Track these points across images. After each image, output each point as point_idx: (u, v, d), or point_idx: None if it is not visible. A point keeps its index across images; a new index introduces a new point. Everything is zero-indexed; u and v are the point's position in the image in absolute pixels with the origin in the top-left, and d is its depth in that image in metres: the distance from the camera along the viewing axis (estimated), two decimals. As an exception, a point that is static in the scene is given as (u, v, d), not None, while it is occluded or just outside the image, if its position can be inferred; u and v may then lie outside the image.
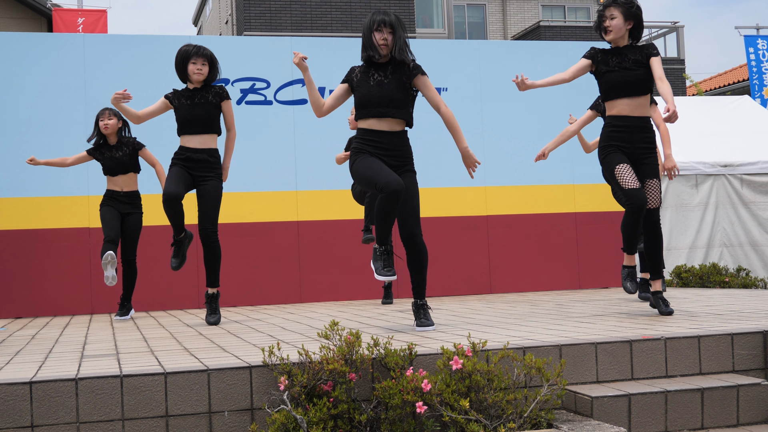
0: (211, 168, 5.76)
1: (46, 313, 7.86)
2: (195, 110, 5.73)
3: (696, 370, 3.87)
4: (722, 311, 5.14)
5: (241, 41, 9.04)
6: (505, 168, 8.98)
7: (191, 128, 5.74)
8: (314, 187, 8.51)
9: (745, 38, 16.47)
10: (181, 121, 5.77)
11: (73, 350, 4.37)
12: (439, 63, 8.83)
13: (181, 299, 8.12)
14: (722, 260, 10.33)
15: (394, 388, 3.22)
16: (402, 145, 4.75)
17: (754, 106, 12.18)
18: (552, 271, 8.97)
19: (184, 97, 5.82)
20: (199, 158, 5.72)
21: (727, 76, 24.53)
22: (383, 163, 4.66)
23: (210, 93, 5.81)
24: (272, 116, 8.51)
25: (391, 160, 4.70)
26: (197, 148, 5.74)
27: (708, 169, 10.41)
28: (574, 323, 4.76)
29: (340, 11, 20.78)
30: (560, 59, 9.25)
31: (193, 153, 5.72)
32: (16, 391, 3.16)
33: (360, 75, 4.78)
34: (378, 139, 4.68)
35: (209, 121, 5.77)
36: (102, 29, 16.60)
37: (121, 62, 8.23)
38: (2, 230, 7.85)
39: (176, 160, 5.76)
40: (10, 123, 7.95)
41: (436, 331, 4.59)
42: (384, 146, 4.68)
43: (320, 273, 8.44)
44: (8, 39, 8.14)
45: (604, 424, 3.33)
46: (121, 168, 6.90)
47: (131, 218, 6.92)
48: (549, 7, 28.34)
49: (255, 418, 3.35)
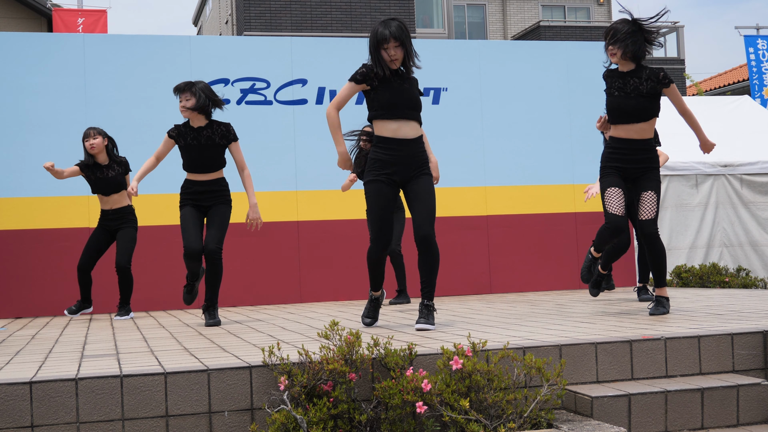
0: (220, 195, 5.85)
1: (46, 313, 7.86)
2: (204, 153, 5.75)
3: (696, 370, 3.87)
4: (722, 311, 5.14)
5: (241, 41, 9.04)
6: (505, 168, 8.98)
7: (199, 169, 5.80)
8: (314, 187, 8.51)
9: (745, 38, 16.47)
10: (190, 163, 5.80)
11: (73, 350, 4.37)
12: (439, 63, 8.83)
13: (181, 299, 8.11)
14: (722, 260, 10.33)
15: (394, 388, 3.22)
16: (420, 151, 4.78)
17: (754, 106, 12.19)
18: (552, 271, 8.97)
19: (189, 136, 5.76)
20: (207, 189, 5.81)
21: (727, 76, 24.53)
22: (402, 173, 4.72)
23: (216, 134, 5.77)
24: (272, 116, 8.51)
25: (409, 169, 4.73)
26: (205, 180, 5.81)
27: (708, 169, 10.41)
28: (574, 323, 4.76)
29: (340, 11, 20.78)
30: (560, 59, 9.27)
31: (201, 186, 5.80)
32: (16, 391, 3.16)
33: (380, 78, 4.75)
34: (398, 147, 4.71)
35: (217, 161, 5.83)
36: (102, 29, 16.59)
37: (121, 62, 8.23)
38: (2, 230, 7.85)
39: (186, 198, 5.82)
40: (10, 123, 7.95)
41: (436, 331, 4.59)
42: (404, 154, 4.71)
43: (320, 273, 8.44)
44: (8, 39, 8.14)
45: (604, 424, 3.33)
46: (114, 187, 6.92)
47: (122, 231, 6.95)
48: (549, 7, 28.34)
49: (255, 418, 3.35)
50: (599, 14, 28.21)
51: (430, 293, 4.71)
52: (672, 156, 10.10)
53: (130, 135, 7.87)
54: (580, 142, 9.08)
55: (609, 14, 28.36)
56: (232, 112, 8.36)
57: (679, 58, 25.19)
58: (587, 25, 25.93)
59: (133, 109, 8.06)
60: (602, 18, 28.07)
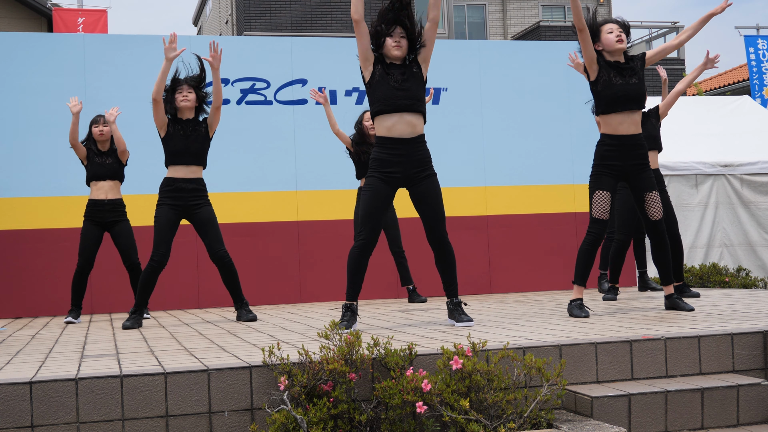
0: (202, 195, 5.97)
1: (46, 313, 7.86)
2: (188, 142, 5.89)
3: (696, 370, 3.87)
4: (722, 311, 5.14)
5: (241, 41, 9.03)
6: (505, 168, 8.98)
7: (183, 159, 5.88)
8: (314, 187, 8.51)
9: (745, 38, 16.46)
10: (174, 152, 5.88)
11: (73, 350, 4.37)
12: (439, 63, 8.81)
13: (181, 299, 8.12)
14: (722, 260, 10.33)
15: (394, 388, 3.22)
16: (420, 150, 4.77)
17: (754, 106, 12.18)
18: (552, 271, 8.97)
19: (178, 124, 5.92)
20: (189, 187, 5.89)
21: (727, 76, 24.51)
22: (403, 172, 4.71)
23: (201, 126, 5.98)
24: (272, 116, 8.51)
25: (410, 168, 4.73)
26: (187, 178, 5.89)
27: (708, 169, 10.40)
28: (574, 323, 4.77)
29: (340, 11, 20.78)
30: (560, 59, 9.25)
31: (183, 183, 5.88)
32: (16, 391, 3.16)
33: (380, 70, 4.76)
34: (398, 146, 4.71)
35: (200, 154, 5.94)
36: (102, 29, 16.59)
37: (121, 62, 8.23)
38: (2, 230, 7.85)
39: (165, 197, 5.87)
40: (10, 123, 7.95)
41: (435, 331, 4.59)
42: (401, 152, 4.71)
43: (320, 273, 8.43)
44: (8, 39, 8.14)
45: (604, 424, 3.33)
46: (110, 174, 6.84)
47: (119, 226, 6.86)
48: (549, 7, 28.34)
49: (255, 418, 3.35)
50: (599, 14, 28.20)
51: (454, 290, 4.86)
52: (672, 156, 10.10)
53: (130, 135, 7.86)
54: (580, 142, 9.07)
55: (609, 14, 28.35)
56: (232, 112, 8.37)
57: (679, 58, 25.20)
58: (587, 25, 25.91)
59: (133, 109, 8.05)
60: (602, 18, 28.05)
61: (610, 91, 5.16)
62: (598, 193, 5.23)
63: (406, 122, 4.72)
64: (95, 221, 6.83)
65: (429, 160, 4.81)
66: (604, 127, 5.25)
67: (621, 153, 5.20)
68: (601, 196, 5.22)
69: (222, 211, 7.46)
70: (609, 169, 5.23)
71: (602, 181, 5.23)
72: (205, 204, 5.95)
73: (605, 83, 5.18)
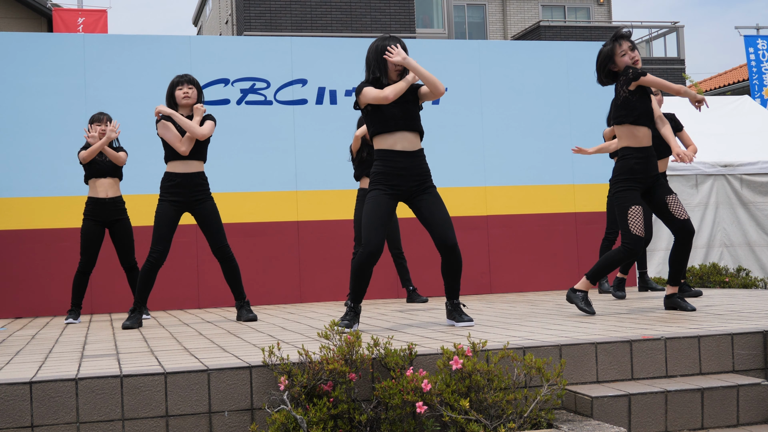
0: (204, 190, 5.94)
1: (46, 313, 7.86)
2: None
3: (696, 370, 3.87)
4: (722, 311, 5.14)
5: (241, 41, 9.03)
6: (505, 168, 8.98)
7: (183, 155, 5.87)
8: (314, 187, 8.51)
9: (745, 38, 16.47)
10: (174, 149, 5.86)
11: (73, 350, 4.37)
12: (439, 63, 8.82)
13: (181, 299, 8.12)
14: (722, 260, 10.33)
15: (394, 388, 3.22)
16: (421, 164, 4.84)
17: (754, 106, 12.19)
18: (552, 271, 8.97)
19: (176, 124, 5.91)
20: (190, 183, 5.86)
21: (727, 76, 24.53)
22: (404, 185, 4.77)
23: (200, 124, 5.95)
24: (272, 116, 8.51)
25: (410, 181, 4.78)
26: (187, 173, 5.87)
27: (708, 169, 10.40)
28: (574, 323, 4.77)
29: (340, 11, 20.77)
30: (560, 59, 9.27)
31: (183, 178, 5.86)
32: (16, 391, 3.16)
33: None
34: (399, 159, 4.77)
35: (200, 148, 5.92)
36: (102, 29, 16.59)
37: (121, 62, 8.23)
38: (2, 230, 7.85)
39: (165, 193, 5.86)
40: (10, 123, 7.95)
41: (435, 331, 4.60)
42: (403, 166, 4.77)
43: (320, 273, 8.44)
44: (8, 39, 8.14)
45: (604, 424, 3.33)
46: (110, 170, 6.79)
47: (120, 225, 6.82)
48: (549, 7, 28.34)
49: (255, 418, 3.35)
50: (599, 14, 28.21)
51: (456, 293, 4.91)
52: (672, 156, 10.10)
53: (130, 135, 7.87)
54: (580, 142, 9.06)
55: (609, 14, 28.37)
56: (232, 112, 8.37)
57: (679, 58, 25.19)
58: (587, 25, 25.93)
59: (133, 109, 8.05)
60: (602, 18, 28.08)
61: (645, 106, 5.20)
62: (634, 208, 5.17)
63: (407, 139, 4.80)
64: (96, 220, 6.78)
65: (429, 173, 4.89)
66: (629, 139, 5.22)
67: (647, 165, 5.22)
68: (638, 211, 5.17)
69: (222, 211, 7.45)
70: (639, 182, 5.21)
71: (635, 196, 5.20)
72: (207, 198, 5.93)
73: (642, 96, 5.21)
